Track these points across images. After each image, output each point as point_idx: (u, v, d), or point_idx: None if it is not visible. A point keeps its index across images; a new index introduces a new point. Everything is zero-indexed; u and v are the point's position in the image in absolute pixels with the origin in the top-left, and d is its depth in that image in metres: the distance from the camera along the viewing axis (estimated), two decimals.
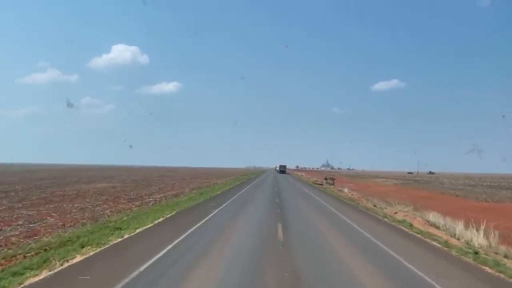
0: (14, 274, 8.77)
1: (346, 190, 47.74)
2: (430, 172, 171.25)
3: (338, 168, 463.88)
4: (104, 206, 25.68)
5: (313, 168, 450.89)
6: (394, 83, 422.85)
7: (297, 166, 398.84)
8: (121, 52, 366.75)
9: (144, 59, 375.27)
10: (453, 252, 13.04)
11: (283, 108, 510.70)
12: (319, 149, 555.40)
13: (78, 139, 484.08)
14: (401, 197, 46.63)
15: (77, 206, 24.99)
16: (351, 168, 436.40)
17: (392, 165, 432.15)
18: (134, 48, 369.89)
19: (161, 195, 37.07)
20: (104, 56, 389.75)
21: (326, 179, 65.12)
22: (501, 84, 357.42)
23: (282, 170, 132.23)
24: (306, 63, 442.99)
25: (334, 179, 63.92)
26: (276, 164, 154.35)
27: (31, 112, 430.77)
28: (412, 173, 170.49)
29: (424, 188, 65.70)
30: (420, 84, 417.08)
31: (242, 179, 74.23)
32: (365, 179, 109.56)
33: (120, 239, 13.22)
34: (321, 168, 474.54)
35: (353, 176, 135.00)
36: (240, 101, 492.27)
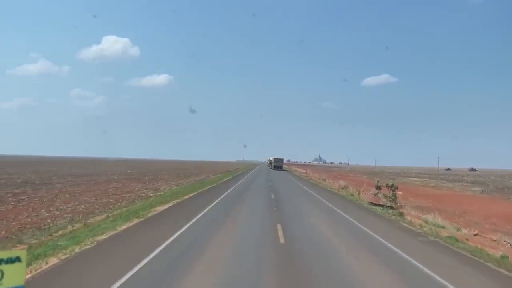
0: None
1: None
2: (472, 169, 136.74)
3: (331, 163, 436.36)
4: None
5: (305, 162, 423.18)
6: (384, 77, 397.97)
7: (289, 160, 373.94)
8: (112, 44, 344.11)
9: (135, 51, 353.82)
10: None
11: (275, 102, 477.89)
12: (311, 143, 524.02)
13: (68, 130, 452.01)
14: None
15: None
16: (344, 163, 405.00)
17: (391, 159, 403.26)
18: (125, 40, 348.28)
19: None
20: (94, 47, 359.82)
21: (378, 188, 29.47)
22: (491, 80, 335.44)
23: (278, 165, 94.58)
24: (296, 58, 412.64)
25: (396, 188, 28.23)
26: (269, 157, 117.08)
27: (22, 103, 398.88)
28: (451, 170, 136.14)
29: None
30: (411, 79, 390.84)
31: (211, 182, 38.65)
32: (397, 180, 74.04)
33: None
34: (313, 162, 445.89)
35: (372, 174, 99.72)
36: (231, 95, 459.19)
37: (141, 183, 42.64)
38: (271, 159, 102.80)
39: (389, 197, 27.96)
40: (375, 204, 21.63)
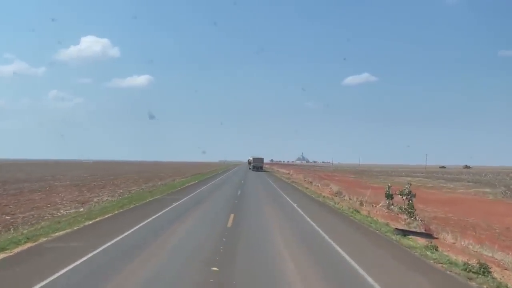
0: None
1: None
2: (466, 166, 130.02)
3: (314, 162, 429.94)
4: None
5: (288, 161, 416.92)
6: (365, 76, 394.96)
7: (272, 160, 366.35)
8: (91, 44, 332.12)
9: (115, 51, 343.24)
10: None
11: (257, 103, 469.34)
12: (294, 142, 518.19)
13: (45, 133, 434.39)
14: None
15: None
16: (327, 162, 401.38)
17: (375, 157, 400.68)
18: (104, 41, 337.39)
19: None
20: (72, 47, 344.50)
21: (389, 197, 20.84)
22: (476, 77, 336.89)
23: (257, 165, 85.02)
24: (278, 58, 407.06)
25: (414, 196, 19.68)
26: (248, 157, 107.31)
27: None
28: (445, 167, 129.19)
29: None
30: (391, 77, 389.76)
31: (164, 190, 29.30)
32: (388, 180, 65.90)
33: None
34: (296, 161, 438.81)
35: (359, 174, 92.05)
36: (213, 96, 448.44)
37: (79, 191, 33.13)
38: (250, 159, 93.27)
39: (405, 209, 19.66)
40: (404, 232, 12.70)
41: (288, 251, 9.77)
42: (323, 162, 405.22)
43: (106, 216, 16.13)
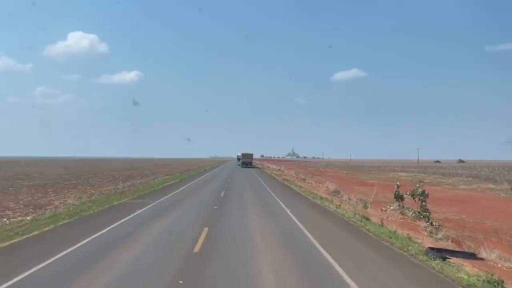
0: None
1: None
2: (460, 161, 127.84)
3: (304, 157, 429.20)
4: None
5: (278, 157, 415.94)
6: (354, 72, 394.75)
7: (262, 155, 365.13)
8: (79, 40, 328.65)
9: (103, 47, 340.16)
10: None
11: (247, 99, 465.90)
12: (284, 138, 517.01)
13: (35, 130, 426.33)
14: None
15: None
16: (318, 157, 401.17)
17: (366, 152, 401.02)
18: (92, 36, 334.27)
19: None
20: (60, 43, 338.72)
21: (399, 198, 17.37)
22: (465, 72, 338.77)
23: (247, 161, 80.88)
24: (267, 53, 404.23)
25: (427, 196, 16.38)
26: (237, 153, 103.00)
27: None
28: (440, 162, 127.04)
29: None
30: (380, 73, 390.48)
31: (135, 192, 25.61)
32: (383, 175, 63.02)
33: None
34: (287, 157, 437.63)
35: (351, 169, 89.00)
36: (204, 91, 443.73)
37: (44, 192, 29.25)
38: (239, 154, 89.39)
39: (419, 212, 16.34)
40: (439, 251, 9.23)
41: None
42: (313, 157, 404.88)
43: (45, 229, 12.54)
